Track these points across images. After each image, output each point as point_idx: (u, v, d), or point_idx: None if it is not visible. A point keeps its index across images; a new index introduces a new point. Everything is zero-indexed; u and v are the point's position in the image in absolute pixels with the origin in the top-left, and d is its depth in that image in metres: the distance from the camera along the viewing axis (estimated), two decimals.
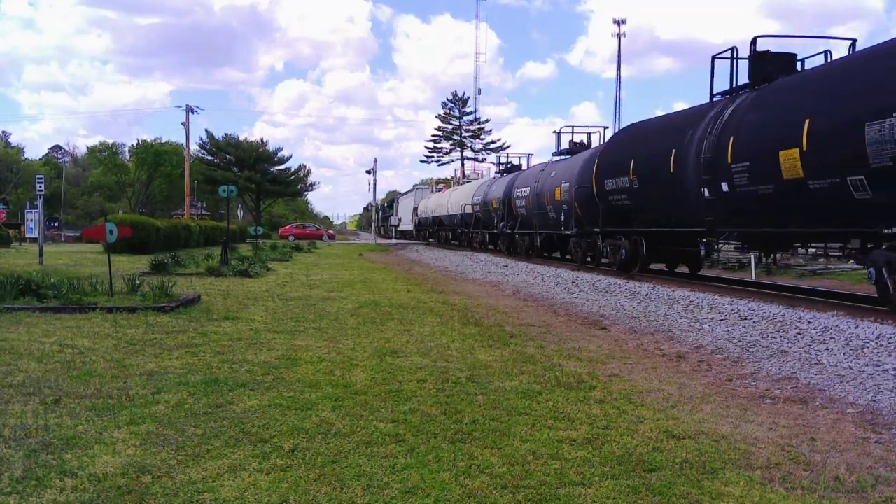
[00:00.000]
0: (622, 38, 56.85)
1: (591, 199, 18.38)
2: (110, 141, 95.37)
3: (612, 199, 17.11)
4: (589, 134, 24.24)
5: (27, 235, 37.36)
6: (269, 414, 4.87)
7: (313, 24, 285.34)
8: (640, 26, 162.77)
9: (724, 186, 12.17)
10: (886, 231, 9.13)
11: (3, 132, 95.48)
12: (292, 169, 79.41)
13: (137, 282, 11.32)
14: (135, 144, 78.69)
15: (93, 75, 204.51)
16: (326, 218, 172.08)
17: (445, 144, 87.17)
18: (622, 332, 9.20)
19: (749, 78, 12.86)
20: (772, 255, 14.49)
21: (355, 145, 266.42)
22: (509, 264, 22.01)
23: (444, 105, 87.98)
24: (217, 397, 5.27)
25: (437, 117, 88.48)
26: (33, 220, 34.50)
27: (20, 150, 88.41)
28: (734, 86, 13.26)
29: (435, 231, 47.25)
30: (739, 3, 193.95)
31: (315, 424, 4.65)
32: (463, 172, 73.75)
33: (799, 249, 13.92)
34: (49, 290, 10.18)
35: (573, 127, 24.52)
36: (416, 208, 54.67)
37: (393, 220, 68.09)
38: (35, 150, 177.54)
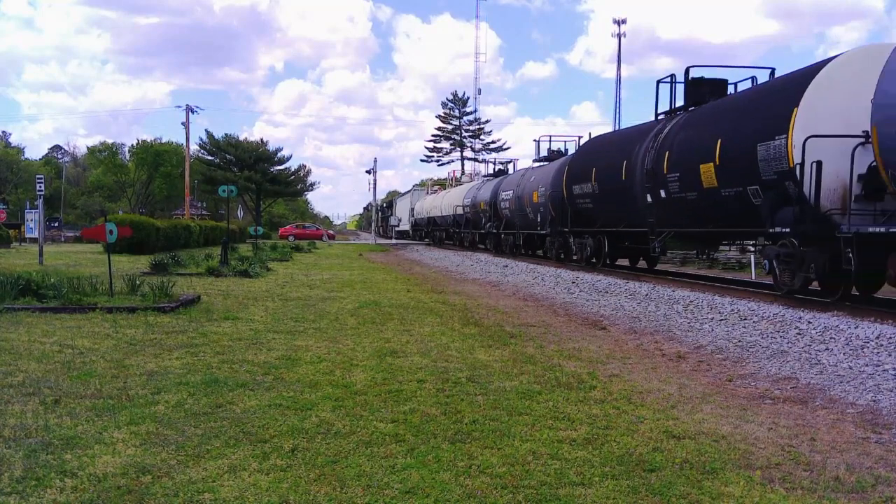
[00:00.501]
0: (622, 38, 56.90)
1: (562, 202, 20.73)
2: (110, 141, 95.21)
3: (579, 203, 19.60)
4: (565, 142, 26.87)
5: (27, 235, 37.32)
6: (269, 414, 4.87)
7: (313, 24, 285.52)
8: (640, 26, 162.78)
9: (662, 193, 14.47)
10: (771, 231, 11.21)
11: (3, 132, 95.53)
12: (292, 169, 79.48)
13: (137, 282, 11.31)
14: (134, 144, 78.69)
15: (92, 75, 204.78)
16: (326, 218, 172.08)
17: (445, 144, 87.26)
18: (622, 332, 9.20)
19: (684, 101, 15.14)
20: (705, 252, 17.55)
21: (355, 145, 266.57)
22: (509, 264, 22.03)
23: (444, 105, 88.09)
24: (217, 397, 5.27)
25: (437, 117, 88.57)
26: (33, 220, 34.49)
27: (20, 150, 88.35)
28: (673, 107, 15.60)
29: (430, 231, 49.47)
30: (739, 3, 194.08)
31: (315, 424, 4.65)
32: (463, 172, 74.80)
33: (724, 246, 16.75)
34: (49, 290, 10.17)
35: (550, 136, 27.39)
36: (412, 209, 57.27)
37: (393, 221, 70.37)
38: (35, 150, 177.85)
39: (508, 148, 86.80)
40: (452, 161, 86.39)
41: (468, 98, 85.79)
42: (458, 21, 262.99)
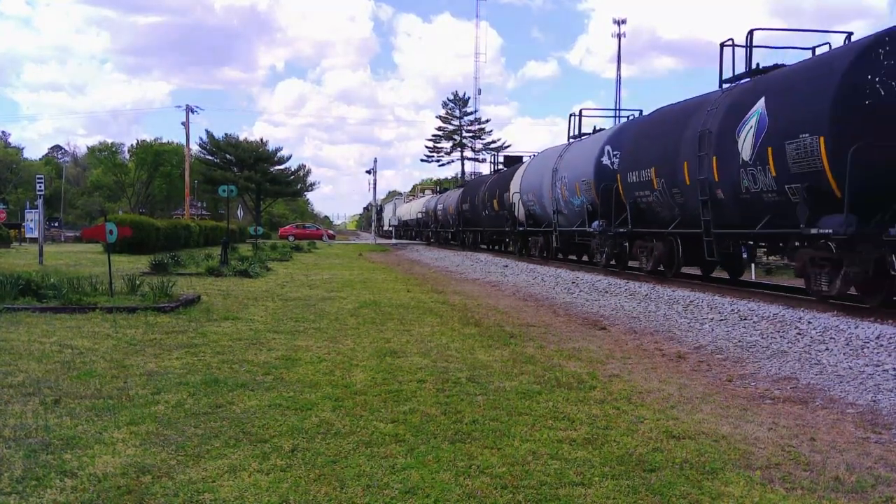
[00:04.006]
0: (622, 38, 56.90)
1: (462, 214, 37.57)
2: (110, 141, 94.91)
3: (465, 214, 36.64)
4: (473, 174, 42.91)
5: (27, 235, 37.33)
6: (269, 414, 4.87)
7: (314, 24, 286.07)
8: (640, 25, 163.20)
9: (487, 212, 30.85)
10: (506, 229, 28.02)
11: (3, 132, 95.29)
12: (292, 169, 79.42)
13: (137, 282, 11.31)
14: (134, 144, 78.65)
15: (92, 75, 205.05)
16: (326, 218, 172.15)
17: (446, 144, 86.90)
18: (622, 333, 9.20)
19: (503, 165, 33.64)
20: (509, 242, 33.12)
21: (355, 145, 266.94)
22: (509, 265, 22.05)
23: (444, 105, 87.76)
24: (217, 397, 5.27)
25: (437, 117, 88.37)
26: (33, 220, 34.50)
27: (19, 150, 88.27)
28: (494, 170, 34.84)
29: (405, 231, 66.92)
30: (741, 2, 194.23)
31: (315, 424, 4.65)
32: (463, 172, 76.79)
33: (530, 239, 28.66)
34: (49, 290, 10.17)
35: (463, 169, 49.48)
36: (394, 213, 74.49)
37: (391, 220, 75.04)
38: (35, 150, 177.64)
39: (509, 146, 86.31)
40: (453, 161, 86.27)
41: (469, 98, 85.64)
42: (459, 20, 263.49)
